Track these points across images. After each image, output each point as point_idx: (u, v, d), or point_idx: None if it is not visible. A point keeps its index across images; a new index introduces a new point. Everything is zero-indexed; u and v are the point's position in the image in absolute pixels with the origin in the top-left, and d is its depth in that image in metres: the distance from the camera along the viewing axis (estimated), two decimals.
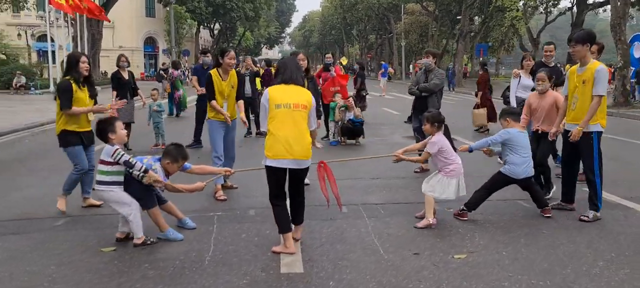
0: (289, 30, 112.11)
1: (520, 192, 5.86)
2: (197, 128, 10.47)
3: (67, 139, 5.72)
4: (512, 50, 49.32)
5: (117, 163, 4.59)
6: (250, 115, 12.00)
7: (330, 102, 10.70)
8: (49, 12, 29.94)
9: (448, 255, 4.41)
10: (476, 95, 13.16)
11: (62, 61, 31.66)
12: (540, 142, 6.29)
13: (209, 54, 10.24)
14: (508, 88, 9.09)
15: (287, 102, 4.34)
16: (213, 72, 6.50)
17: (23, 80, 27.45)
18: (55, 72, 27.14)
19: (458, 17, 38.86)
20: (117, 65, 9.97)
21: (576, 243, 4.69)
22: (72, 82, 5.69)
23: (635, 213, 5.70)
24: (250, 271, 4.08)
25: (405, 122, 14.16)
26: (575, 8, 35.10)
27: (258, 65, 15.30)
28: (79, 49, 33.15)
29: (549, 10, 38.60)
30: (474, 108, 12.98)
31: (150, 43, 57.91)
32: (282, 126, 4.30)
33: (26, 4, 38.64)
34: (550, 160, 6.78)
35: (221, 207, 5.94)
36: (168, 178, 4.90)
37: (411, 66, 48.44)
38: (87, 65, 5.86)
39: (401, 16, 46.23)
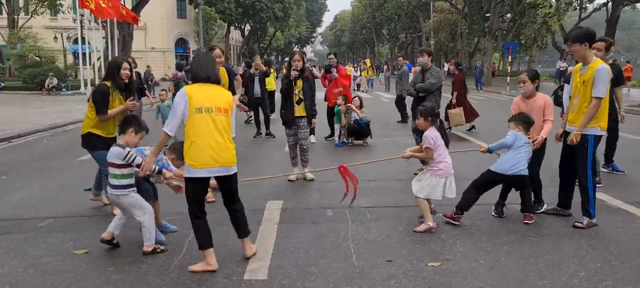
0: (320, 29, 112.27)
1: (517, 196, 5.62)
2: None
3: (92, 141, 5.59)
4: (545, 48, 48.05)
5: (129, 165, 4.42)
6: (260, 117, 11.96)
7: (334, 104, 10.55)
8: (82, 15, 30.63)
9: (422, 262, 4.23)
10: (452, 95, 12.77)
11: (94, 63, 32.67)
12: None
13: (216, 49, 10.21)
14: (561, 87, 8.19)
15: (209, 106, 3.99)
16: None
17: (55, 81, 28.17)
18: (87, 74, 27.79)
19: (487, 15, 38.06)
20: None
21: (562, 252, 4.44)
22: (110, 87, 5.56)
23: (635, 219, 5.38)
24: (212, 277, 4.00)
25: (398, 122, 14.04)
26: (610, 4, 33.90)
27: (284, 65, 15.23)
28: (110, 51, 34.06)
29: (583, 6, 37.42)
30: (448, 108, 12.56)
31: (181, 44, 58.74)
32: (205, 132, 3.97)
33: (62, 7, 39.95)
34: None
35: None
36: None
37: (447, 66, 47.71)
38: (128, 72, 5.71)
39: (430, 14, 45.58)
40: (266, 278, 3.96)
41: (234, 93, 11.53)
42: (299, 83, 7.23)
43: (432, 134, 5.04)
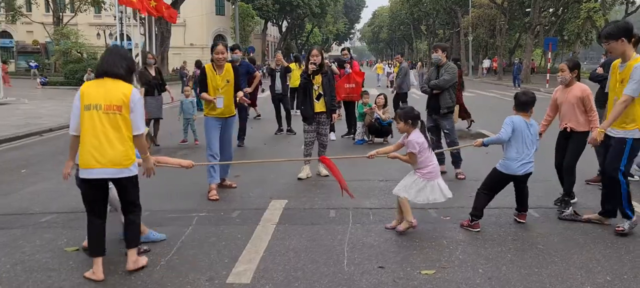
0: (358, 26, 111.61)
1: (531, 199, 5.33)
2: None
3: None
4: (590, 44, 46.28)
5: None
6: (282, 112, 11.86)
7: (343, 99, 10.35)
8: (122, 12, 31.26)
9: (415, 270, 4.00)
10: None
11: (137, 56, 33.37)
12: (568, 142, 5.62)
13: (238, 50, 10.13)
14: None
15: (98, 103, 3.76)
16: (207, 66, 6.37)
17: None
18: None
19: (528, 10, 36.88)
20: (144, 63, 10.17)
21: (570, 262, 4.13)
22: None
23: None
24: (195, 279, 3.87)
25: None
26: None
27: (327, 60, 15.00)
28: (147, 47, 34.72)
29: (630, 0, 35.83)
30: None
31: (219, 40, 59.39)
32: (88, 131, 3.77)
33: (104, 4, 40.98)
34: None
35: (208, 208, 5.78)
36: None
37: (488, 61, 46.53)
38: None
39: (469, 10, 44.54)
40: (249, 282, 3.81)
41: (278, 90, 11.49)
42: (318, 78, 7.09)
43: (418, 139, 4.77)
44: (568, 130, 5.58)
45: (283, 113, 11.86)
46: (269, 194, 6.28)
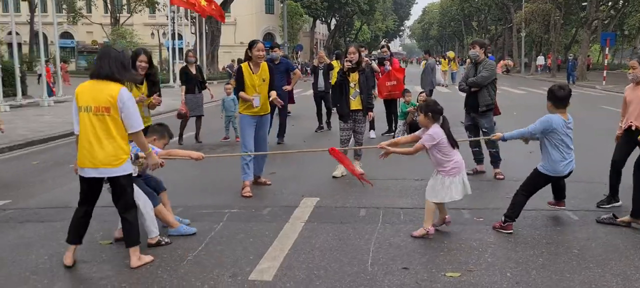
0: (408, 23, 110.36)
1: (570, 201, 5.16)
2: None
3: None
4: None
5: None
6: (323, 110, 11.86)
7: (385, 97, 10.22)
8: (174, 12, 32.10)
9: (440, 272, 3.90)
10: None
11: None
12: (629, 141, 5.37)
13: (278, 49, 10.21)
14: None
15: (88, 105, 3.88)
16: (244, 65, 6.42)
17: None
18: (177, 68, 29.08)
19: (584, 4, 35.37)
20: (186, 61, 10.40)
21: (606, 268, 3.93)
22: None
23: None
24: (219, 275, 3.92)
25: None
26: None
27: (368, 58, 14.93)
28: (198, 45, 35.52)
29: None
30: None
31: (268, 38, 60.09)
32: (83, 131, 3.92)
33: (158, 5, 42.26)
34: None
35: (240, 204, 5.84)
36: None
37: (542, 58, 44.99)
38: (145, 64, 5.64)
39: (522, 4, 43.16)
40: (271, 280, 3.82)
41: (319, 87, 11.50)
42: (355, 76, 7.06)
43: (435, 132, 4.60)
44: (633, 128, 5.32)
45: (324, 110, 11.85)
46: (302, 192, 6.30)
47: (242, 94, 6.35)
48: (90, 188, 4.10)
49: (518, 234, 4.70)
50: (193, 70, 10.15)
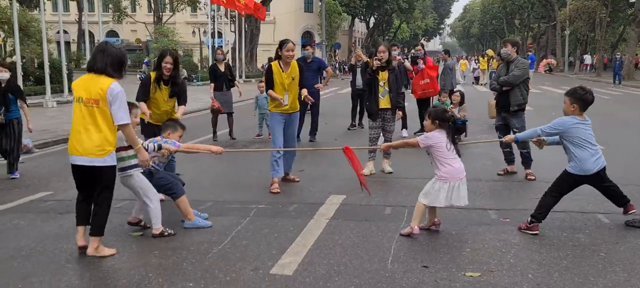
0: (448, 21, 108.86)
1: (603, 204, 5.05)
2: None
3: (142, 128, 5.93)
4: None
5: (126, 148, 4.63)
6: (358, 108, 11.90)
7: (420, 96, 10.16)
8: (214, 10, 32.66)
9: (461, 271, 3.90)
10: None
11: (227, 53, 34.82)
12: None
13: (310, 47, 10.31)
14: None
15: (81, 96, 4.12)
16: (274, 63, 6.53)
17: (185, 73, 30.42)
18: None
19: (631, 0, 34.05)
20: (214, 59, 10.63)
21: (633, 272, 3.84)
22: (152, 78, 5.91)
23: None
24: (241, 268, 4.02)
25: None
26: None
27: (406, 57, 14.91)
28: (237, 43, 36.05)
29: None
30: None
31: (307, 37, 60.39)
32: (74, 121, 4.17)
33: (199, 3, 43.09)
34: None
35: (268, 200, 5.96)
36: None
37: (589, 57, 43.67)
38: (170, 66, 5.89)
39: (566, 1, 41.95)
40: (291, 274, 3.90)
41: (358, 86, 11.55)
42: (385, 74, 7.09)
43: (433, 135, 4.64)
44: None
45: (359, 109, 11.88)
46: (329, 189, 6.36)
47: (270, 92, 6.46)
48: (80, 175, 4.30)
49: (544, 236, 4.64)
50: (221, 68, 10.35)
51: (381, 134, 7.29)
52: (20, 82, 13.93)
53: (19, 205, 6.00)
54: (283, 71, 6.46)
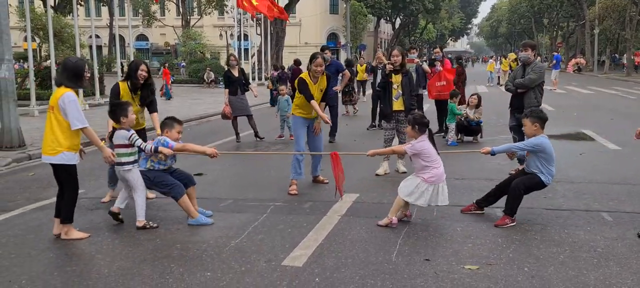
0: (476, 20, 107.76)
1: (608, 203, 5.23)
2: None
3: (113, 134, 6.04)
4: None
5: (132, 145, 5.16)
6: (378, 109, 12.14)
7: (434, 97, 10.34)
8: (240, 13, 33.19)
9: (461, 264, 4.14)
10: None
11: (253, 56, 35.37)
12: None
13: (328, 51, 10.56)
14: None
15: (49, 104, 4.85)
16: (305, 75, 6.74)
17: (212, 75, 31.02)
18: (246, 68, 30.20)
19: None
20: (227, 64, 10.98)
21: (626, 266, 4.03)
22: (121, 85, 6.10)
23: None
24: (256, 260, 4.34)
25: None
26: None
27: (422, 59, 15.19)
28: (263, 46, 36.57)
29: None
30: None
31: (332, 38, 60.71)
32: (45, 124, 4.87)
33: (226, 7, 43.81)
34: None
35: (285, 198, 6.26)
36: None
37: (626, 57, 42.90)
38: (145, 73, 6.16)
39: (595, 0, 41.27)
40: (301, 266, 4.19)
41: (375, 88, 11.76)
42: (398, 77, 7.33)
43: (421, 144, 5.00)
44: None
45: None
46: (344, 188, 6.62)
47: (314, 104, 6.52)
48: (55, 173, 4.97)
49: (546, 232, 4.83)
50: (235, 73, 10.68)
51: (395, 135, 7.53)
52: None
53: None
54: (314, 83, 6.69)
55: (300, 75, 6.90)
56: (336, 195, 5.71)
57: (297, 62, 16.62)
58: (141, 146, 5.19)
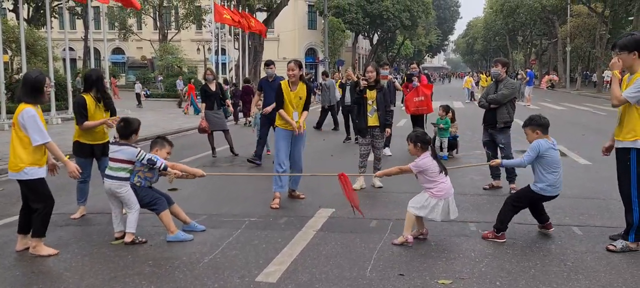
0: (452, 37, 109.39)
1: (578, 217, 5.34)
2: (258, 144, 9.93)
3: (77, 148, 6.18)
4: None
5: (131, 162, 5.12)
6: (350, 123, 12.29)
7: (413, 112, 10.44)
8: (219, 28, 33.12)
9: (434, 279, 4.16)
10: None
11: (231, 70, 35.27)
12: None
13: (272, 66, 10.38)
14: None
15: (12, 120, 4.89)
16: (283, 82, 6.75)
17: (181, 84, 30.82)
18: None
19: (629, 18, 34.37)
20: (204, 79, 10.94)
21: (594, 280, 4.09)
22: (86, 98, 5.99)
23: None
24: (229, 276, 4.29)
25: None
26: None
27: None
28: (242, 61, 36.54)
29: None
30: None
31: (311, 54, 60.97)
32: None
33: (204, 21, 43.71)
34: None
35: (260, 213, 6.21)
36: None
37: (609, 73, 43.83)
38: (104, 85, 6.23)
39: (567, 19, 42.29)
40: (275, 282, 4.16)
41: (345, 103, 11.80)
42: (373, 94, 7.38)
43: (424, 162, 4.99)
44: None
45: (351, 124, 12.24)
46: (319, 203, 6.62)
47: (281, 112, 6.62)
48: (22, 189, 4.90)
49: (517, 247, 4.89)
50: (212, 88, 10.62)
51: (371, 150, 7.57)
52: None
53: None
54: (291, 90, 6.69)
55: (279, 82, 6.90)
56: (356, 214, 5.55)
57: (247, 80, 18.76)
58: (156, 162, 5.12)
